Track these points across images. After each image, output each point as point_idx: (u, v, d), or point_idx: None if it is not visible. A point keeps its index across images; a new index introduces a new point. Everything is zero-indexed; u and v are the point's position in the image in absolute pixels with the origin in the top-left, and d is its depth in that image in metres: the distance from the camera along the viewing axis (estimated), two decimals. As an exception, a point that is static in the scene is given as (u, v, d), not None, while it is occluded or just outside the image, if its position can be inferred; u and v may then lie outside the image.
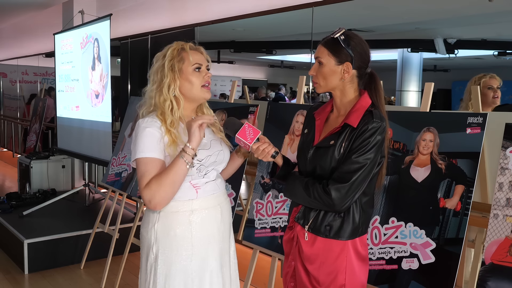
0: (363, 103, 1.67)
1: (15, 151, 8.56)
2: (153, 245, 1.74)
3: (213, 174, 1.83)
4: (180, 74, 1.75)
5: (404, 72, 9.29)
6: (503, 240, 1.81)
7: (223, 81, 11.87)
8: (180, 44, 1.79)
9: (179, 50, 1.77)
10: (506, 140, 1.88)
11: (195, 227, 1.75)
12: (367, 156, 1.60)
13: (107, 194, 4.00)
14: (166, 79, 1.74)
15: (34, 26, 8.35)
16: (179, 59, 1.75)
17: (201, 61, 1.78)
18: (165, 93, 1.74)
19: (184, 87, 1.77)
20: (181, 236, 1.73)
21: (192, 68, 1.76)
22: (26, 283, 3.70)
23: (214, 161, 1.80)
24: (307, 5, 3.55)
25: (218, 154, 1.82)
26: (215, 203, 1.82)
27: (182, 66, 1.75)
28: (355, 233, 1.69)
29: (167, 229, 1.73)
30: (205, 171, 1.78)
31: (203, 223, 1.76)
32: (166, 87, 1.74)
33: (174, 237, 1.73)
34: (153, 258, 1.74)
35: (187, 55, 1.77)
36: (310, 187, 1.65)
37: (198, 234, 1.75)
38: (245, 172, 2.90)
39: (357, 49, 1.66)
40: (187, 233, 1.74)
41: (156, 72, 1.77)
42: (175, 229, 1.73)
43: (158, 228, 1.74)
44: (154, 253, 1.74)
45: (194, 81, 1.76)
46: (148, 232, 1.76)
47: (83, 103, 4.87)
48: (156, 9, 5.33)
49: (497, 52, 8.04)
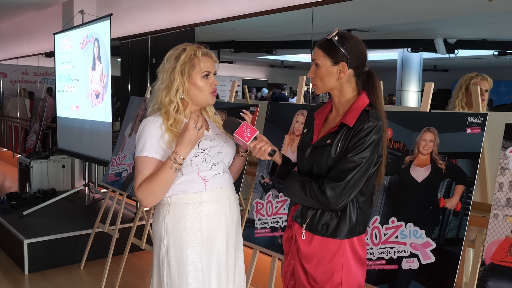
0: (360, 103, 1.68)
1: (15, 151, 8.56)
2: (164, 238, 1.81)
3: (221, 167, 1.87)
4: (189, 79, 1.81)
5: (404, 72, 9.29)
6: (503, 240, 1.81)
7: (223, 81, 11.87)
8: (193, 49, 1.83)
9: (192, 55, 1.82)
10: (506, 140, 1.88)
11: (204, 218, 1.81)
12: (362, 155, 1.60)
13: (107, 194, 4.00)
14: (176, 82, 1.80)
15: (34, 26, 8.35)
16: (191, 65, 1.81)
17: (210, 69, 1.84)
18: (172, 95, 1.80)
19: (192, 92, 1.83)
20: (190, 227, 1.79)
21: (201, 75, 1.82)
22: (26, 283, 3.70)
23: (219, 152, 1.85)
24: (307, 5, 3.55)
25: (223, 146, 1.87)
26: (223, 196, 1.87)
27: (192, 72, 1.81)
28: (352, 233, 1.69)
29: (177, 221, 1.80)
30: (213, 162, 1.83)
31: (211, 215, 1.82)
32: (174, 90, 1.80)
33: (184, 229, 1.79)
34: (165, 251, 1.81)
35: (198, 61, 1.81)
36: (306, 185, 1.66)
37: (206, 225, 1.81)
38: (245, 172, 2.90)
39: (353, 49, 1.67)
40: (197, 223, 1.80)
41: (166, 71, 1.82)
42: (185, 221, 1.79)
43: (168, 221, 1.80)
44: (165, 245, 1.80)
45: (203, 87, 1.83)
46: (159, 226, 1.83)
47: (83, 103, 4.87)
48: (156, 9, 5.33)
49: (497, 52, 8.05)
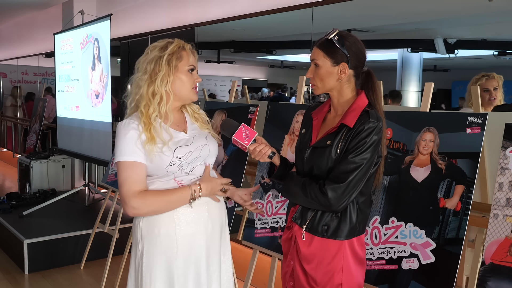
0: (360, 103, 1.67)
1: (15, 151, 8.56)
2: (139, 242, 1.77)
3: (200, 171, 1.81)
4: (175, 70, 1.76)
5: (404, 72, 9.30)
6: (503, 240, 1.81)
7: (223, 81, 11.88)
8: (181, 42, 1.81)
9: (180, 47, 1.79)
10: (506, 140, 1.88)
11: (179, 225, 1.75)
12: (363, 156, 1.60)
13: (107, 194, 4.00)
14: (161, 72, 1.73)
15: (34, 26, 8.35)
16: (178, 56, 1.77)
17: (195, 64, 1.81)
18: (157, 85, 1.73)
19: (176, 85, 1.77)
20: (165, 234, 1.74)
21: (187, 69, 1.78)
22: (26, 283, 3.70)
23: (197, 156, 1.78)
24: (307, 5, 3.55)
25: (202, 148, 1.80)
26: (201, 201, 1.78)
27: (179, 64, 1.76)
28: (352, 233, 1.69)
29: (151, 227, 1.75)
30: (190, 168, 1.77)
31: (187, 221, 1.76)
32: (159, 80, 1.73)
33: (158, 235, 1.74)
34: (140, 255, 1.77)
35: (186, 54, 1.78)
36: (307, 187, 1.65)
37: (182, 232, 1.75)
38: (245, 172, 2.90)
39: (352, 49, 1.67)
40: (171, 231, 1.74)
41: (150, 61, 1.76)
42: (159, 228, 1.74)
43: (143, 226, 1.77)
44: (140, 250, 1.77)
45: (186, 81, 1.78)
46: (135, 229, 1.80)
47: (83, 103, 4.87)
48: (156, 9, 5.33)
49: (497, 52, 8.05)
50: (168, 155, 1.70)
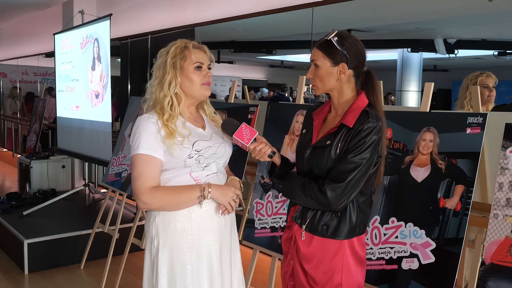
0: (360, 103, 1.68)
1: (15, 151, 8.56)
2: (154, 239, 1.79)
3: (214, 167, 1.84)
4: (181, 71, 1.79)
5: (404, 72, 9.30)
6: (503, 240, 1.81)
7: (223, 81, 11.88)
8: (183, 42, 1.83)
9: (182, 48, 1.81)
10: (506, 140, 1.88)
11: (195, 220, 1.77)
12: (363, 156, 1.60)
13: (107, 194, 4.00)
14: (168, 76, 1.78)
15: (34, 26, 8.35)
16: (182, 57, 1.79)
17: (202, 60, 1.81)
18: (165, 89, 1.78)
19: (185, 85, 1.80)
20: (181, 228, 1.76)
21: (193, 67, 1.79)
22: (26, 283, 3.70)
23: (214, 153, 1.82)
24: (307, 5, 3.55)
25: (219, 146, 1.84)
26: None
27: (183, 63, 1.79)
28: (352, 233, 1.69)
29: (167, 222, 1.77)
30: (206, 163, 1.80)
31: (202, 217, 1.79)
32: (167, 84, 1.78)
33: (175, 230, 1.76)
34: (155, 252, 1.78)
35: (189, 53, 1.80)
36: (306, 186, 1.66)
37: (197, 227, 1.78)
38: (245, 172, 2.90)
39: (352, 49, 1.67)
40: (187, 225, 1.77)
41: (158, 67, 1.81)
42: (175, 223, 1.76)
43: (158, 222, 1.78)
44: (156, 246, 1.78)
45: (195, 79, 1.80)
46: (150, 226, 1.81)
47: (83, 103, 4.87)
48: (156, 9, 5.33)
49: (497, 52, 8.05)
50: (187, 147, 1.74)
